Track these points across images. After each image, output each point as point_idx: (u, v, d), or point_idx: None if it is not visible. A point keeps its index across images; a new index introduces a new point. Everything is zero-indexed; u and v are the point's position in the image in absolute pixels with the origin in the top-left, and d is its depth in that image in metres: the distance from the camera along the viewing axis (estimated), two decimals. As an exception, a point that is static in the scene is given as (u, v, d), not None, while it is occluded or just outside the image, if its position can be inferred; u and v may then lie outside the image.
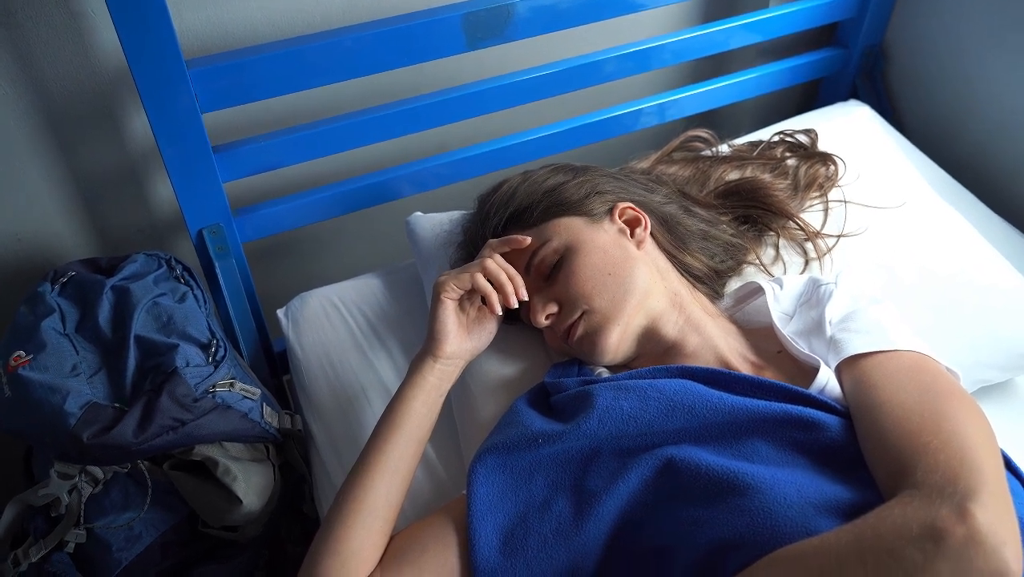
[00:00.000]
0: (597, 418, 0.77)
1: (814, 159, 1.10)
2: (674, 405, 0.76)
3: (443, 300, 0.86)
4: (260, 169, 1.09)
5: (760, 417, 0.75)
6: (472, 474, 0.78)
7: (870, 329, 0.81)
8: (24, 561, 0.93)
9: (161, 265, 1.07)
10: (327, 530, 0.77)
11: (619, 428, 0.76)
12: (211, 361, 0.98)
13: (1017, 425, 1.05)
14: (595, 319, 0.86)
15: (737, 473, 0.70)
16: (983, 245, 1.11)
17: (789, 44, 1.50)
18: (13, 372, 0.92)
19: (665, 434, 0.76)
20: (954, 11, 1.35)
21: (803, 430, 0.74)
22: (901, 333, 0.81)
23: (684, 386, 0.78)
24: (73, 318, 1.00)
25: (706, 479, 0.71)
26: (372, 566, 0.76)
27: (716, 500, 0.69)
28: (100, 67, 1.06)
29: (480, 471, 0.78)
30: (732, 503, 0.68)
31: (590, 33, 1.30)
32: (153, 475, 0.97)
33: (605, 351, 0.86)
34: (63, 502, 0.94)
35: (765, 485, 0.68)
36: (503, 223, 0.93)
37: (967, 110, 1.39)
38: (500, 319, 0.92)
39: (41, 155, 1.10)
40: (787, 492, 0.67)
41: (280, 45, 1.00)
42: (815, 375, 0.79)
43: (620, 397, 0.78)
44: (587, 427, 0.77)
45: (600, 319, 0.86)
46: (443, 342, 0.85)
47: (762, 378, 0.79)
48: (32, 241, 1.17)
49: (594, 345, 0.86)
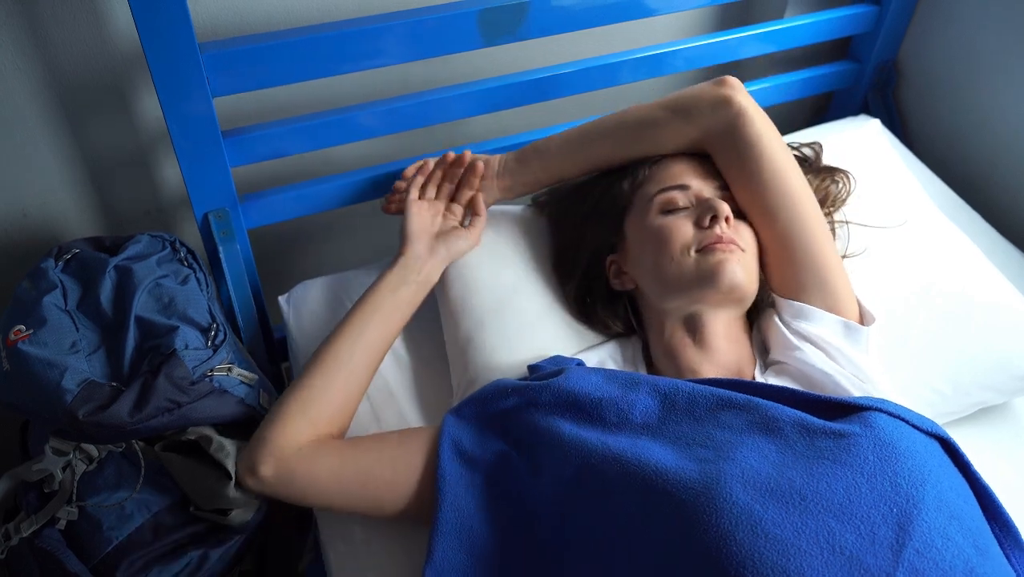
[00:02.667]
0: (566, 378, 0.83)
1: (822, 174, 1.10)
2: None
3: (409, 205, 1.02)
4: (269, 156, 1.10)
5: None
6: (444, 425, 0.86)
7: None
8: (15, 536, 0.94)
9: (165, 247, 1.07)
10: (295, 380, 0.89)
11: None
12: (210, 345, 0.98)
13: (1014, 449, 1.05)
14: (745, 259, 0.90)
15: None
16: (985, 264, 1.11)
17: (802, 56, 1.50)
18: (13, 346, 0.92)
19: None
20: (968, 30, 1.35)
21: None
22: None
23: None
24: (75, 295, 1.00)
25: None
26: (332, 421, 0.89)
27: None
28: (113, 47, 1.06)
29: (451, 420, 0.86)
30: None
31: (604, 36, 1.30)
32: (147, 455, 0.97)
33: (735, 272, 0.87)
34: (56, 478, 0.94)
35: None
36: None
37: (977, 130, 1.39)
38: (475, 236, 1.03)
39: (51, 132, 1.10)
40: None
41: (294, 33, 1.00)
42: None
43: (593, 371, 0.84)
44: (556, 382, 0.82)
45: (746, 263, 0.89)
46: (410, 240, 0.99)
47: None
48: (38, 217, 1.17)
49: (728, 263, 0.87)
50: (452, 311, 1.02)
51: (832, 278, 0.90)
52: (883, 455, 0.69)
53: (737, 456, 0.71)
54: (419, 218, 1.01)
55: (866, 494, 0.67)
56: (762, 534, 0.64)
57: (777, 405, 0.76)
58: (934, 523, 0.66)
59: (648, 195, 0.95)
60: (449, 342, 1.03)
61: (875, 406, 0.75)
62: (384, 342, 0.95)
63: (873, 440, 0.70)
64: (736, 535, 0.64)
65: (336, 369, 0.89)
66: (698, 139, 0.97)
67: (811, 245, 0.90)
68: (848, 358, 0.87)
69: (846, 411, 0.76)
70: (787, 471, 0.69)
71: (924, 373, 1.02)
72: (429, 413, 1.03)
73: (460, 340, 1.00)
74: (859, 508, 0.66)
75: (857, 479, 0.68)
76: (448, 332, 1.03)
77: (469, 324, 0.99)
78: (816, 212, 0.93)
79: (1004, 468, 1.00)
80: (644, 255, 0.93)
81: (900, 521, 0.65)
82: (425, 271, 0.99)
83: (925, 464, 0.70)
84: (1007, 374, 1.04)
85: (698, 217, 0.90)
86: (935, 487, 0.68)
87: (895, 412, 0.75)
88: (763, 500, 0.67)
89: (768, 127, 0.94)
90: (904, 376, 1.01)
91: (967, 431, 1.05)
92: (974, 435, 1.04)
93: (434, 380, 1.05)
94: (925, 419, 0.76)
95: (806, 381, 0.86)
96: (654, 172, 0.97)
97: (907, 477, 0.68)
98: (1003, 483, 0.81)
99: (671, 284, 0.89)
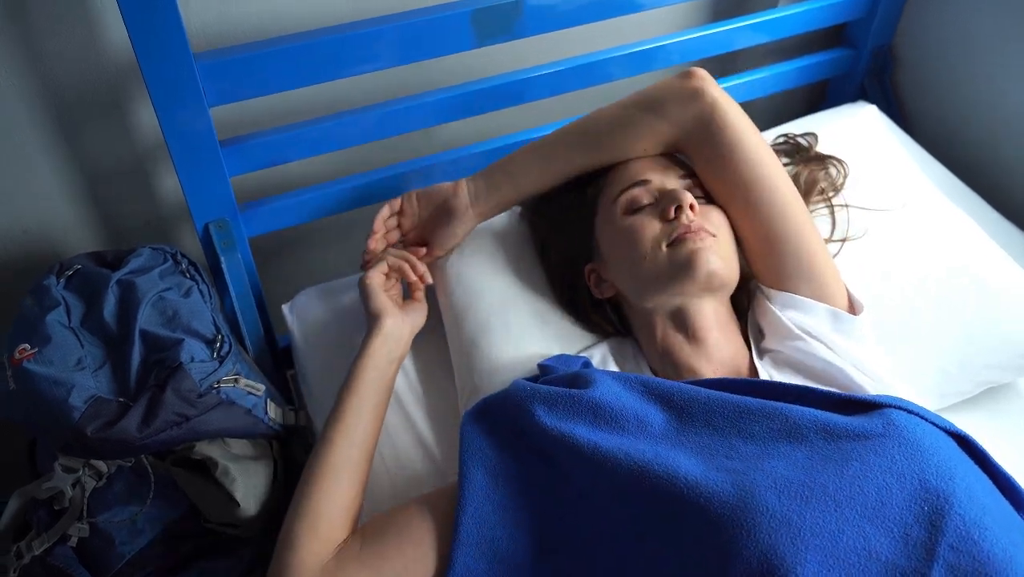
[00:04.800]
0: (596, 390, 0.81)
1: (813, 163, 1.09)
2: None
3: (370, 285, 0.97)
4: (267, 163, 1.09)
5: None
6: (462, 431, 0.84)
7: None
8: (27, 554, 0.93)
9: (167, 259, 1.07)
10: (297, 494, 0.83)
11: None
12: (216, 356, 0.97)
13: (1020, 428, 1.05)
14: (719, 244, 0.88)
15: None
16: (988, 243, 1.10)
17: (797, 44, 1.49)
18: (18, 365, 0.91)
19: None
20: (964, 14, 1.35)
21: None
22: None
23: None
24: (78, 312, 0.99)
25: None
26: (343, 526, 0.82)
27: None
28: (108, 60, 1.06)
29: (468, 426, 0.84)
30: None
31: (599, 31, 1.30)
32: (156, 470, 0.97)
33: (709, 260, 0.85)
34: (67, 495, 0.94)
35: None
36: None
37: (975, 112, 1.39)
38: (425, 304, 1.02)
39: (49, 149, 1.10)
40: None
41: (288, 40, 1.00)
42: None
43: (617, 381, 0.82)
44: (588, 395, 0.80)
45: (720, 249, 0.88)
46: (382, 316, 0.95)
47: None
48: (38, 234, 1.17)
49: (701, 252, 0.85)
50: (455, 315, 1.02)
51: (818, 265, 0.90)
52: (909, 453, 0.69)
53: (766, 466, 0.70)
54: (385, 294, 0.98)
55: (897, 495, 0.66)
56: (802, 545, 0.63)
57: (794, 407, 0.75)
58: (968, 516, 0.65)
59: (611, 197, 0.94)
60: (453, 345, 1.02)
61: (893, 404, 0.75)
62: (378, 428, 0.91)
63: (898, 439, 0.70)
64: (778, 548, 0.63)
65: (336, 481, 0.84)
66: (671, 136, 0.94)
67: (794, 233, 0.90)
68: (844, 350, 0.86)
69: (862, 408, 0.76)
70: (818, 476, 0.68)
71: (929, 353, 1.02)
72: (434, 416, 1.02)
73: (464, 343, 1.00)
74: (892, 510, 0.66)
75: (888, 480, 0.67)
76: (451, 335, 1.03)
77: (473, 327, 0.99)
78: (796, 199, 0.91)
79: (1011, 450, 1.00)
80: (618, 258, 0.92)
81: (932, 519, 0.65)
82: (404, 342, 0.97)
83: (950, 459, 0.69)
84: (1012, 352, 1.04)
85: (663, 210, 0.89)
86: (963, 480, 0.68)
87: (914, 410, 0.74)
88: (799, 508, 0.66)
89: (742, 117, 0.93)
90: (909, 356, 1.01)
91: (975, 414, 1.05)
92: (982, 418, 1.05)
93: (439, 383, 1.05)
94: (940, 417, 0.76)
95: (808, 372, 0.86)
96: (614, 174, 0.96)
97: (935, 474, 0.67)
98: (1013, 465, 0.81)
99: (649, 282, 0.88)
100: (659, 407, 0.79)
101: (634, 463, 0.73)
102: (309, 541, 0.79)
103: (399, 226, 1.06)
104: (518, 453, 0.81)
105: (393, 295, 1.00)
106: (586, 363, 0.91)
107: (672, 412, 0.78)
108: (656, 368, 0.92)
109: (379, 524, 0.82)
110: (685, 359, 0.88)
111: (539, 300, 1.02)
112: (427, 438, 1.00)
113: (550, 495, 0.79)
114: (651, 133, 0.95)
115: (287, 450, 1.08)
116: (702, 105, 0.92)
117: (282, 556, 0.79)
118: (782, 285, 0.90)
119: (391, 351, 0.94)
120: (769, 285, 0.92)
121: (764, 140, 0.94)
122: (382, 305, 0.96)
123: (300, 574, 0.78)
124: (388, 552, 0.79)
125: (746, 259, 0.94)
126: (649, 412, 0.78)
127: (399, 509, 0.83)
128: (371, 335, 0.94)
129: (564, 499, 0.78)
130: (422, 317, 1.01)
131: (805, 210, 0.92)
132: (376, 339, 0.93)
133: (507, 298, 1.01)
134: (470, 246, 1.06)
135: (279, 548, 0.80)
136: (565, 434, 0.77)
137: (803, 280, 0.89)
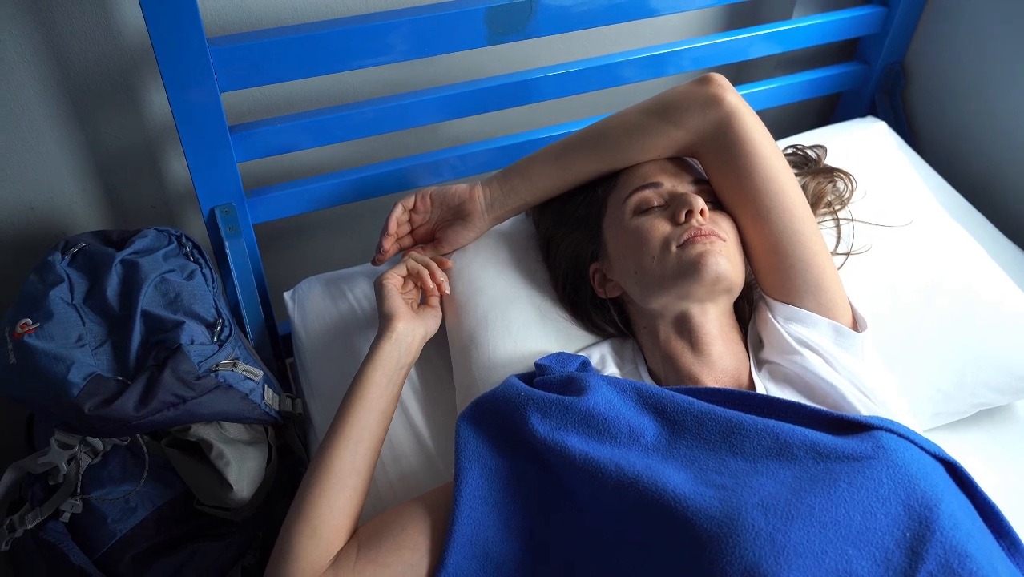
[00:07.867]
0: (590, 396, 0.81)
1: (821, 175, 1.09)
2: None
3: (386, 286, 0.95)
4: (275, 151, 1.10)
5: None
6: (458, 430, 0.84)
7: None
8: (20, 527, 0.94)
9: (171, 241, 1.07)
10: (298, 499, 0.82)
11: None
12: (216, 340, 0.98)
13: (1016, 452, 1.05)
14: (728, 248, 0.88)
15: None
16: (990, 264, 1.10)
17: (809, 57, 1.49)
18: (19, 339, 0.92)
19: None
20: (976, 33, 1.35)
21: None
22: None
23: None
24: (81, 289, 1.00)
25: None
26: (344, 534, 0.80)
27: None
28: (122, 41, 1.07)
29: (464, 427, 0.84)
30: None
31: (611, 35, 1.30)
32: (151, 450, 0.98)
33: (718, 263, 0.85)
34: (61, 471, 0.94)
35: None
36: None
37: (983, 132, 1.39)
38: (439, 311, 1.01)
39: (58, 126, 1.10)
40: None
41: (302, 29, 1.00)
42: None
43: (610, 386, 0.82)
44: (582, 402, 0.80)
45: (728, 252, 0.88)
46: (394, 319, 0.93)
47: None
48: (45, 210, 1.18)
49: (710, 255, 0.85)
50: (456, 309, 1.02)
51: (825, 281, 0.89)
52: (897, 478, 0.69)
53: (754, 483, 0.70)
54: (400, 296, 0.97)
55: (881, 519, 0.66)
56: (785, 564, 0.64)
57: (785, 425, 0.75)
58: (949, 544, 0.65)
59: (621, 197, 0.94)
60: (452, 339, 1.03)
61: (884, 426, 0.75)
62: (383, 435, 0.90)
63: (887, 463, 0.70)
64: (761, 566, 0.64)
65: (339, 488, 0.82)
66: (687, 142, 0.94)
67: (803, 248, 0.89)
68: (843, 365, 0.86)
69: (853, 428, 0.76)
70: (805, 496, 0.68)
71: (928, 371, 1.02)
72: (432, 410, 1.03)
73: (463, 337, 1.00)
74: (875, 534, 0.66)
75: (873, 503, 0.67)
76: (451, 329, 1.03)
77: (472, 321, 1.00)
78: (808, 214, 0.91)
79: (1006, 473, 1.00)
80: (625, 258, 0.92)
81: (913, 546, 0.65)
82: (415, 347, 0.95)
83: (936, 486, 0.69)
84: (1010, 375, 1.04)
85: (673, 213, 0.89)
86: (948, 508, 0.68)
87: (904, 433, 0.74)
88: (784, 526, 0.66)
89: (759, 126, 0.92)
90: (908, 374, 1.01)
91: (969, 436, 1.05)
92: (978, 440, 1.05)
93: (439, 382, 1.05)
94: (930, 442, 0.76)
95: (805, 388, 0.86)
96: (625, 175, 0.96)
97: (920, 500, 0.67)
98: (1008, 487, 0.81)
99: (655, 283, 0.88)
100: (652, 417, 0.79)
101: (624, 475, 0.73)
102: (309, 551, 0.78)
103: (410, 221, 1.06)
104: (513, 456, 0.81)
105: (409, 299, 0.99)
106: (584, 363, 0.92)
107: (664, 423, 0.78)
108: (656, 371, 0.92)
109: (374, 529, 0.81)
110: (687, 366, 0.88)
111: (540, 297, 1.02)
112: (425, 438, 1.00)
113: (542, 500, 0.79)
114: (667, 140, 0.94)
115: (282, 437, 1.09)
116: (720, 113, 0.91)
117: (280, 564, 0.78)
118: (787, 297, 0.90)
119: (401, 356, 0.92)
120: (773, 296, 0.92)
121: (780, 151, 0.93)
122: (396, 307, 0.94)
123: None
124: (385, 559, 0.78)
125: (752, 268, 0.94)
126: (642, 422, 0.79)
127: (394, 513, 0.82)
128: (381, 337, 0.92)
129: (556, 505, 0.78)
130: (435, 324, 1.00)
131: (816, 225, 0.92)
132: (387, 342, 0.91)
133: (508, 294, 1.01)
134: (473, 241, 1.06)
135: (277, 555, 0.79)
136: (557, 443, 0.77)
137: (809, 294, 0.89)
